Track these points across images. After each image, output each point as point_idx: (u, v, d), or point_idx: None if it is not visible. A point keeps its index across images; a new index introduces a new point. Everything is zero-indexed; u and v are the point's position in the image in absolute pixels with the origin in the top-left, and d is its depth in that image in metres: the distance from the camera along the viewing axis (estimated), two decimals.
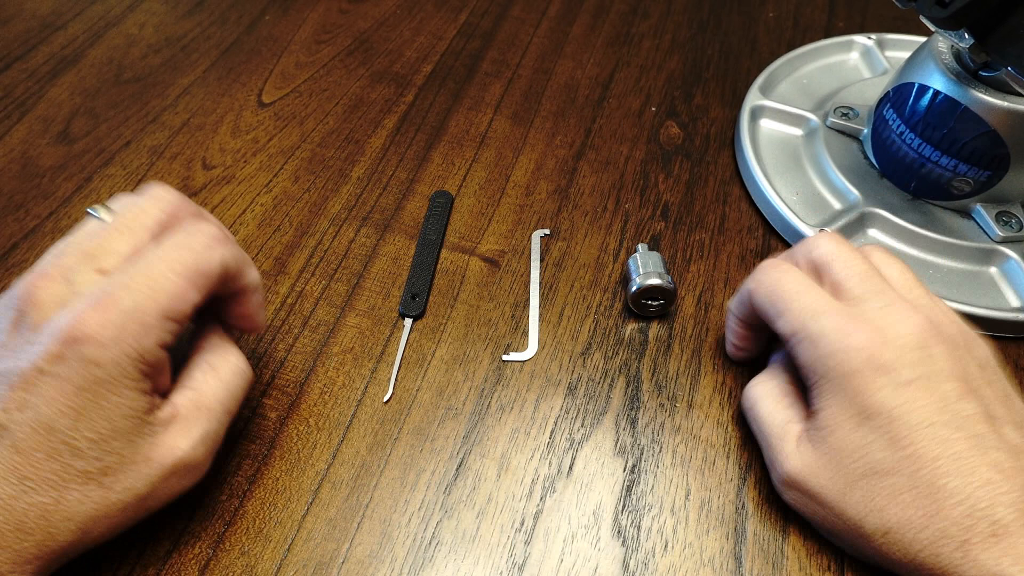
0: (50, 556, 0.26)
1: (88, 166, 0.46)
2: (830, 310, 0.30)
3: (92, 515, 0.26)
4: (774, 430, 0.31)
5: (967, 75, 0.39)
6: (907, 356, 0.28)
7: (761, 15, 0.60)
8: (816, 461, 0.29)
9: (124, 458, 0.26)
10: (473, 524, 0.32)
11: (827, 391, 0.29)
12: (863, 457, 0.28)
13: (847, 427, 0.28)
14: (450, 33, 0.57)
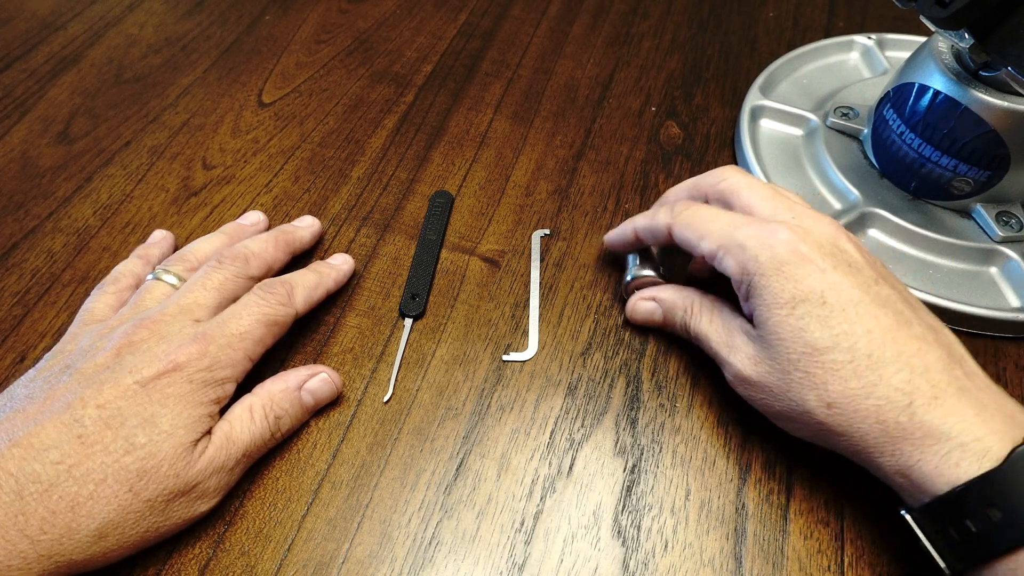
0: (58, 560, 0.26)
1: (88, 166, 0.46)
2: (749, 222, 0.32)
3: (111, 519, 0.27)
4: (720, 339, 0.34)
5: (967, 75, 0.39)
6: (825, 248, 0.31)
7: (761, 15, 0.60)
8: (758, 353, 0.31)
9: (160, 463, 0.29)
10: (473, 524, 0.32)
11: (758, 288, 0.31)
12: (799, 339, 0.29)
13: (781, 314, 0.30)
14: (450, 33, 0.57)
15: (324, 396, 0.35)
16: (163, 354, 0.30)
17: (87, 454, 0.28)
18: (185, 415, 0.30)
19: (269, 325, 0.33)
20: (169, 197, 0.45)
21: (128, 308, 0.34)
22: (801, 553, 0.31)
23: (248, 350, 0.32)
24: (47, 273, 0.41)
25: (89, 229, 0.43)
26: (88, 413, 0.28)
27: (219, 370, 0.31)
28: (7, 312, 0.39)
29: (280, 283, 0.35)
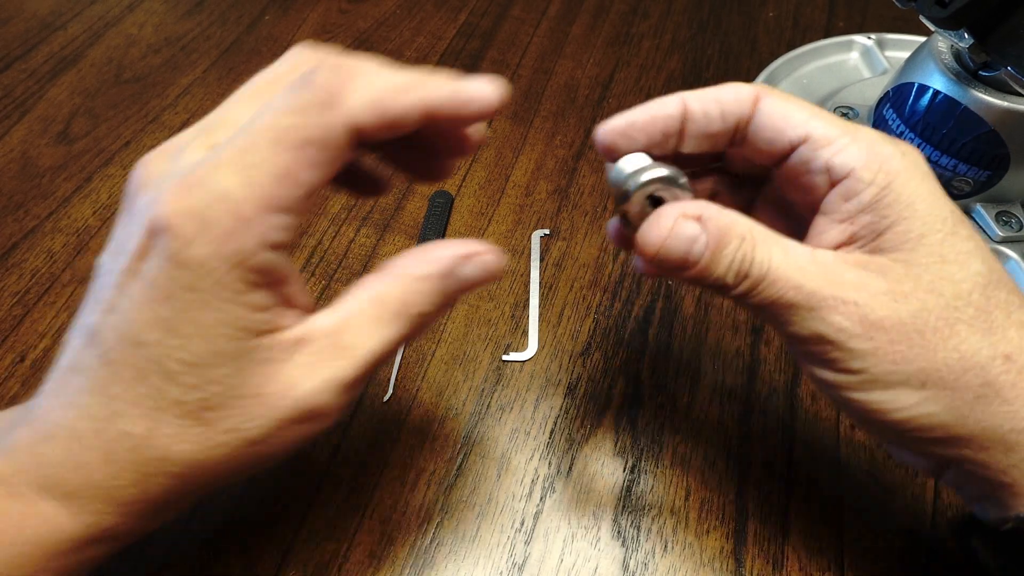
0: (143, 508, 0.21)
1: (88, 166, 0.46)
2: (861, 125, 0.24)
3: (190, 459, 0.21)
4: (818, 275, 0.22)
5: (967, 75, 0.39)
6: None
7: (761, 15, 0.60)
8: (903, 284, 0.22)
9: (229, 389, 0.20)
10: (473, 524, 0.32)
11: (901, 196, 0.22)
12: (967, 266, 0.22)
13: (939, 234, 0.22)
14: (450, 33, 0.57)
15: (479, 284, 0.24)
16: (145, 208, 0.20)
17: (119, 379, 0.20)
18: (199, 320, 0.20)
19: (299, 146, 0.20)
20: None
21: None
22: (801, 553, 0.31)
23: (263, 193, 0.19)
24: (47, 273, 0.41)
25: (89, 229, 0.43)
26: (104, 321, 0.21)
27: (205, 242, 0.19)
28: (7, 312, 0.39)
29: (328, 68, 0.21)
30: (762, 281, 0.22)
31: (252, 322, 0.20)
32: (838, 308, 0.22)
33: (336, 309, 0.22)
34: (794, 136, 0.23)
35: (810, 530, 0.32)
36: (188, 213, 0.19)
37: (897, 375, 0.22)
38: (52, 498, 0.21)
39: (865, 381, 0.22)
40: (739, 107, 0.24)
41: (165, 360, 0.20)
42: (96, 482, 0.21)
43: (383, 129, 0.21)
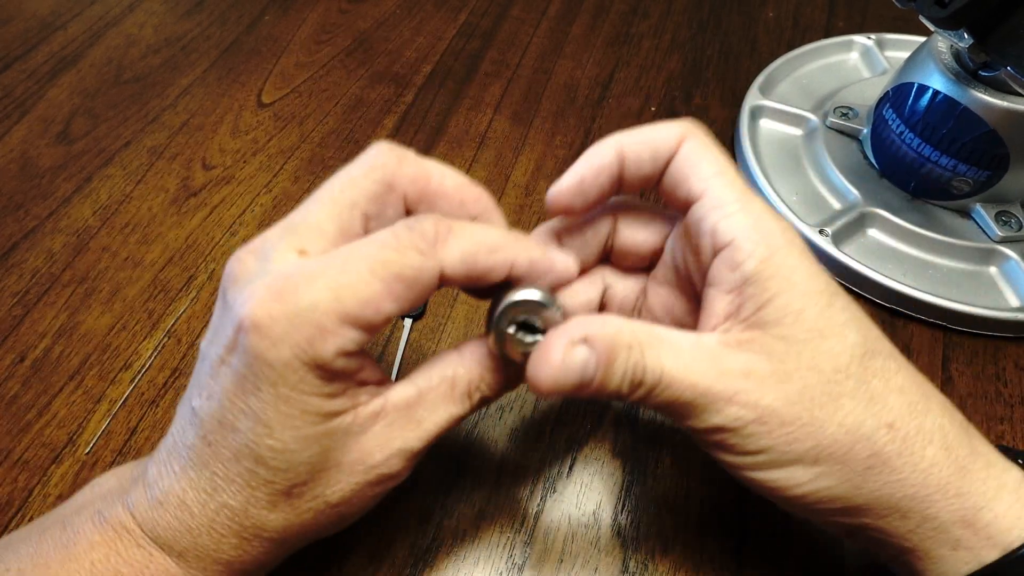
0: (246, 566, 0.24)
1: (88, 166, 0.46)
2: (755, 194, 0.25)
3: (282, 526, 0.23)
4: (711, 369, 0.22)
5: (966, 75, 0.39)
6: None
7: (761, 15, 0.60)
8: (784, 364, 0.22)
9: (313, 467, 0.23)
10: (473, 524, 0.32)
11: (781, 269, 0.22)
12: (844, 339, 0.22)
13: (816, 307, 0.22)
14: (450, 33, 0.57)
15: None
16: (237, 306, 0.21)
17: (218, 458, 0.23)
18: (282, 410, 0.22)
19: (389, 279, 0.21)
20: (169, 197, 0.45)
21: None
22: (801, 553, 0.31)
23: (347, 312, 0.21)
24: (47, 273, 0.41)
25: (89, 229, 0.43)
26: (202, 406, 0.23)
27: (288, 345, 0.21)
28: (7, 312, 0.39)
29: (432, 221, 0.22)
30: (657, 385, 0.23)
31: (330, 407, 0.22)
32: (732, 399, 0.22)
33: (410, 384, 0.24)
34: (694, 189, 0.24)
35: (810, 530, 0.32)
36: (277, 317, 0.21)
37: (791, 454, 0.22)
38: (166, 555, 0.24)
39: (762, 462, 0.23)
40: (667, 148, 0.25)
41: (255, 446, 0.22)
42: (202, 545, 0.23)
43: (468, 280, 0.23)
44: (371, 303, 0.21)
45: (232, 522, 0.23)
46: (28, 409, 0.35)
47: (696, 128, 0.26)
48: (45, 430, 0.35)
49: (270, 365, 0.21)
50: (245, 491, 0.23)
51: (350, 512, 0.24)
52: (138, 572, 0.23)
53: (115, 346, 0.38)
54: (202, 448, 0.23)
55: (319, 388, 0.22)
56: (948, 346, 0.39)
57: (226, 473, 0.23)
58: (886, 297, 0.40)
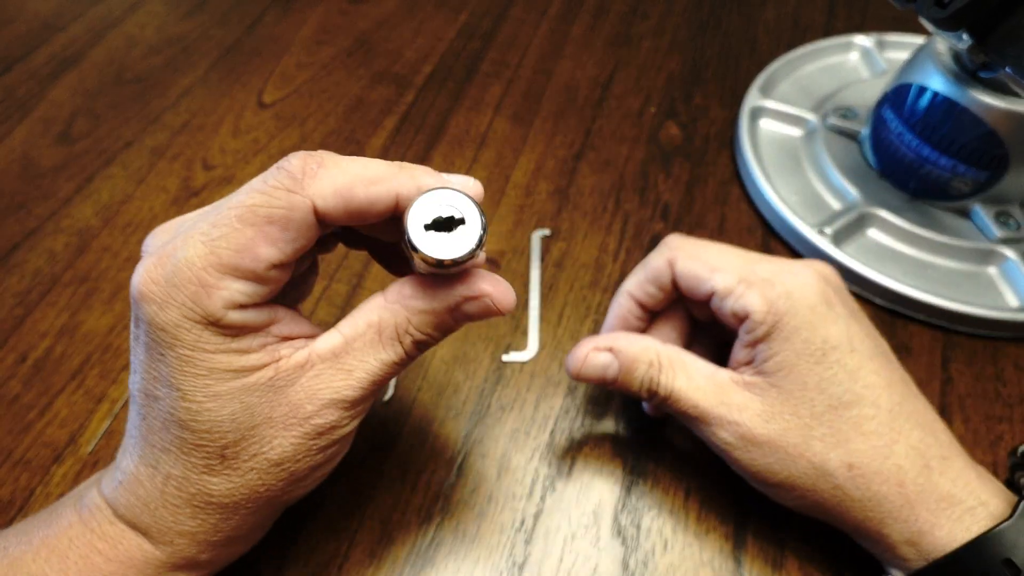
0: (213, 538, 0.24)
1: (89, 166, 0.47)
2: (766, 258, 0.30)
3: (229, 490, 0.23)
4: (710, 396, 0.29)
5: (966, 76, 0.39)
6: (841, 293, 0.30)
7: (761, 15, 0.60)
8: (772, 407, 0.28)
9: (240, 424, 0.22)
10: (473, 524, 0.32)
11: (783, 331, 0.28)
12: (825, 391, 0.27)
13: (807, 364, 0.28)
14: (450, 34, 0.57)
15: (480, 317, 0.25)
16: (134, 279, 0.22)
17: (151, 429, 0.23)
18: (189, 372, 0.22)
19: (259, 223, 0.21)
20: (170, 197, 0.45)
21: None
22: (801, 553, 0.32)
23: (223, 263, 0.21)
24: (48, 273, 0.41)
25: (90, 229, 0.43)
26: (131, 380, 0.24)
27: (174, 307, 0.21)
28: (9, 312, 0.39)
29: (303, 155, 0.22)
30: (668, 398, 0.29)
31: (241, 363, 0.22)
32: (724, 426, 0.29)
33: (335, 333, 0.24)
34: (705, 290, 0.30)
35: (810, 530, 0.32)
36: (158, 282, 0.21)
37: (771, 480, 0.28)
38: (134, 532, 0.24)
39: (756, 481, 0.29)
40: (664, 278, 0.31)
41: (174, 410, 0.22)
42: (162, 518, 0.24)
43: (349, 216, 0.22)
44: (246, 250, 0.21)
45: (180, 491, 0.23)
46: (29, 409, 0.35)
47: (676, 243, 0.31)
48: (47, 430, 0.35)
49: (163, 329, 0.21)
50: (181, 458, 0.23)
51: (299, 470, 0.24)
52: (112, 546, 0.24)
53: (116, 346, 0.38)
54: (140, 423, 0.23)
55: (222, 344, 0.22)
56: (948, 346, 0.39)
57: (161, 443, 0.23)
58: (886, 297, 0.40)
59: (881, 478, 0.27)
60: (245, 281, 0.22)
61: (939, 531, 0.26)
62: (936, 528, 0.26)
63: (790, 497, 0.29)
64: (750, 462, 0.28)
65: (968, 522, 0.26)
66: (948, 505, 0.26)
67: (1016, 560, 0.25)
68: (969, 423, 0.36)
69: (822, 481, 0.27)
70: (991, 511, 0.26)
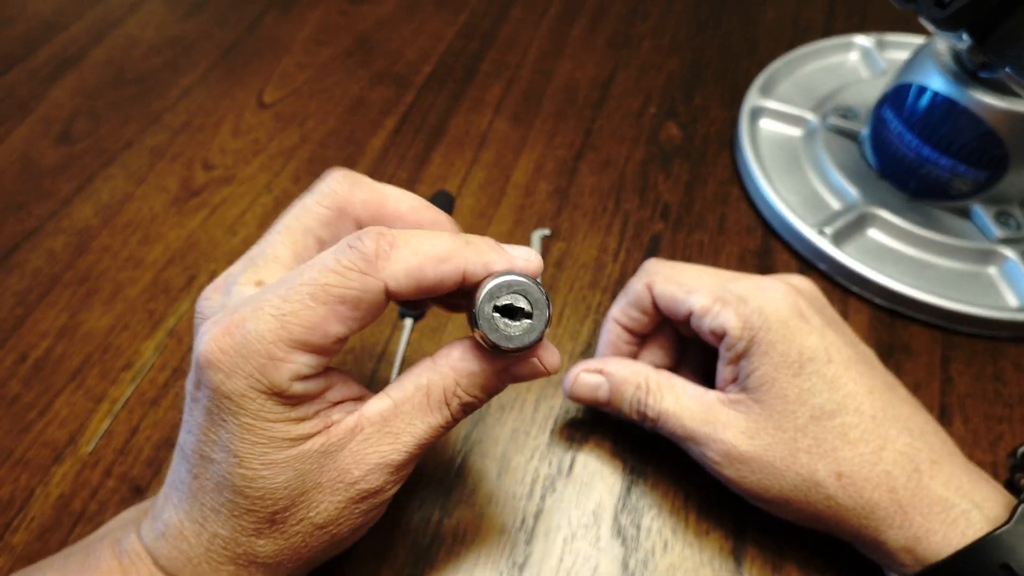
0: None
1: (89, 166, 0.47)
2: (740, 276, 0.31)
3: (273, 552, 0.24)
4: (696, 416, 0.30)
5: (966, 76, 0.39)
6: (815, 305, 0.30)
7: (760, 16, 0.60)
8: (754, 424, 0.28)
9: (292, 491, 0.23)
10: (473, 524, 0.32)
11: (763, 345, 0.28)
12: (806, 403, 0.28)
13: (786, 376, 0.28)
14: (450, 34, 0.57)
15: (528, 378, 0.26)
16: (197, 344, 0.23)
17: (202, 488, 0.24)
18: (249, 439, 0.22)
19: (332, 303, 0.22)
20: (170, 197, 0.45)
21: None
22: (801, 554, 0.32)
23: (293, 338, 0.22)
24: (48, 273, 0.41)
25: (90, 229, 0.43)
26: (184, 439, 0.24)
27: (241, 377, 0.22)
28: (9, 312, 0.39)
29: (375, 235, 0.22)
30: (657, 419, 0.30)
31: (298, 431, 0.23)
32: (711, 445, 0.29)
33: (385, 397, 0.24)
34: (683, 312, 0.31)
35: (810, 531, 0.32)
36: (227, 350, 0.22)
37: (765, 496, 0.29)
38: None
39: (749, 496, 0.29)
40: (645, 301, 0.32)
41: (230, 476, 0.23)
42: (204, 573, 0.24)
43: (418, 293, 0.23)
44: (317, 328, 0.22)
45: (225, 550, 0.23)
46: (30, 409, 0.35)
47: (653, 268, 0.32)
48: (47, 430, 0.35)
49: (228, 397, 0.22)
50: (231, 520, 0.23)
51: (341, 532, 0.24)
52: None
53: (116, 346, 0.38)
54: (190, 481, 0.24)
55: (282, 414, 0.22)
56: (948, 346, 0.39)
57: (212, 504, 0.23)
58: (886, 297, 0.40)
59: (871, 485, 0.27)
60: (311, 355, 0.22)
61: (934, 536, 0.26)
62: (931, 533, 0.26)
63: (787, 511, 0.29)
64: (740, 479, 0.29)
65: (963, 526, 0.26)
66: (942, 509, 0.26)
67: (1014, 565, 0.24)
68: (969, 423, 0.36)
69: (813, 493, 0.28)
70: (987, 514, 0.26)
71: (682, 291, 0.31)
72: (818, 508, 0.28)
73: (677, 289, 0.31)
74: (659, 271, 0.32)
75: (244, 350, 0.21)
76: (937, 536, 0.26)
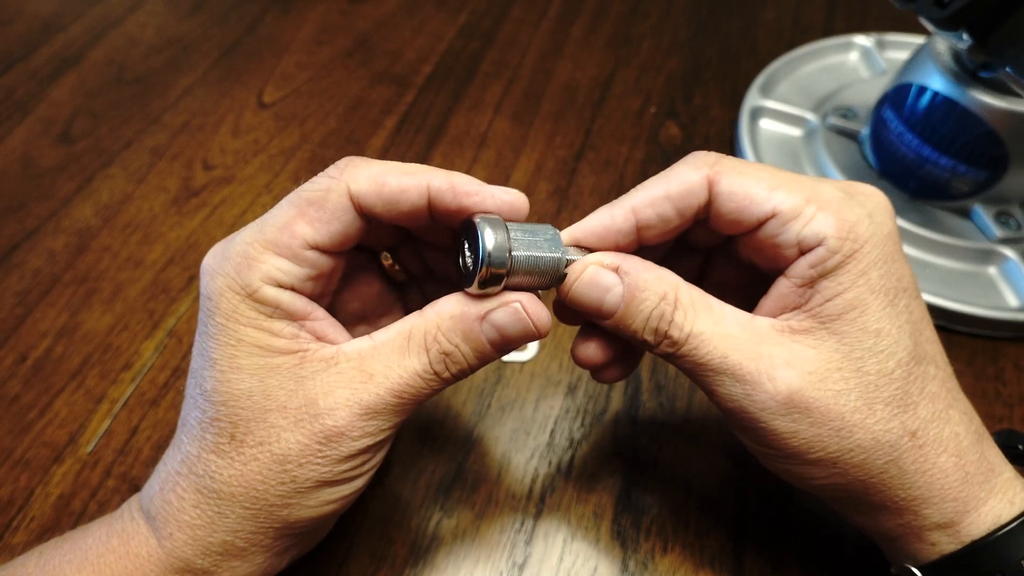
0: (213, 543, 0.23)
1: (89, 166, 0.47)
2: (827, 180, 0.24)
3: (229, 477, 0.23)
4: (744, 345, 0.23)
5: (966, 76, 0.39)
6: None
7: (760, 16, 0.60)
8: (830, 362, 0.22)
9: (253, 404, 0.23)
10: (473, 524, 0.32)
11: (860, 263, 0.22)
12: (899, 341, 0.22)
13: (880, 304, 0.22)
14: (450, 34, 0.57)
15: (514, 335, 0.23)
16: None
17: (186, 406, 0.25)
18: (221, 341, 0.23)
19: (300, 204, 0.23)
20: (170, 197, 0.45)
21: None
22: (801, 554, 0.32)
23: (266, 239, 0.23)
24: (48, 273, 0.41)
25: (90, 229, 0.43)
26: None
27: (221, 276, 0.23)
28: (9, 312, 0.39)
29: (346, 158, 0.24)
30: (684, 344, 0.23)
31: (270, 342, 0.23)
32: (761, 385, 0.22)
33: (368, 338, 0.24)
34: (760, 213, 0.23)
35: (810, 530, 0.32)
36: (216, 256, 0.24)
37: (812, 455, 0.23)
38: (144, 520, 0.24)
39: (782, 456, 0.24)
40: (694, 198, 0.24)
41: (203, 381, 0.23)
42: (168, 502, 0.24)
43: (383, 202, 0.23)
44: (286, 227, 0.23)
45: (191, 471, 0.23)
46: (29, 409, 0.35)
47: (713, 159, 0.24)
48: (46, 430, 0.35)
49: (209, 297, 0.23)
50: (197, 435, 0.23)
51: (302, 477, 0.23)
52: (124, 543, 0.24)
53: (116, 346, 0.38)
54: (183, 404, 0.25)
55: (253, 320, 0.23)
56: (947, 346, 0.39)
57: (187, 420, 0.24)
58: None
59: (941, 447, 0.23)
60: (283, 258, 0.23)
61: (984, 507, 0.23)
62: (982, 504, 0.23)
63: (822, 475, 0.23)
64: (790, 434, 0.22)
65: (1011, 495, 0.23)
66: (994, 476, 0.23)
67: None
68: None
69: (875, 455, 0.22)
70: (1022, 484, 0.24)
71: (764, 187, 0.23)
72: (868, 474, 0.23)
73: (756, 184, 0.23)
74: (723, 161, 0.24)
75: (227, 252, 0.23)
76: (987, 507, 0.23)
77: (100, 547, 0.24)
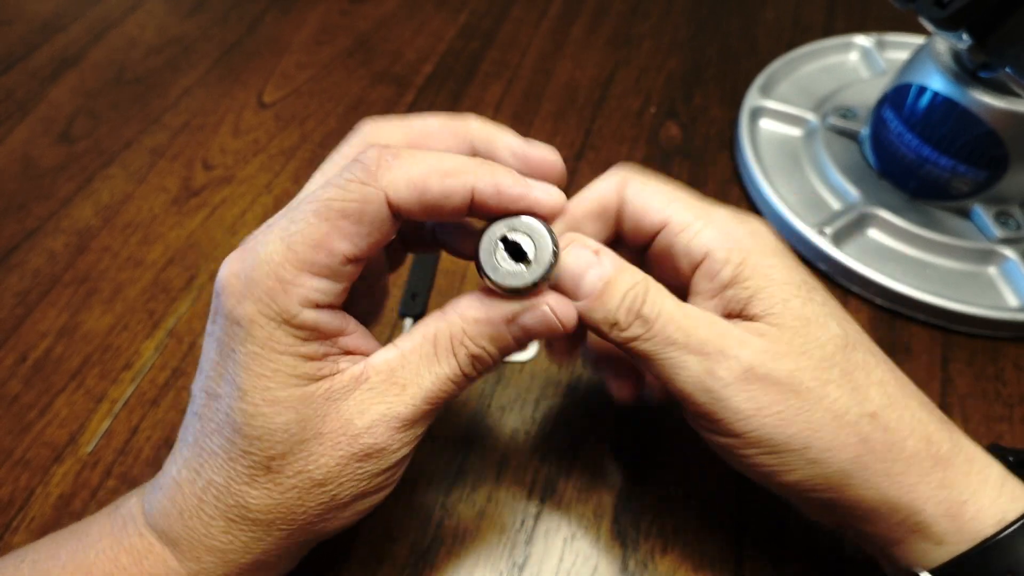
0: (241, 559, 0.23)
1: (89, 166, 0.47)
2: (718, 204, 0.26)
3: (266, 506, 0.22)
4: (707, 326, 0.23)
5: (966, 76, 0.39)
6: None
7: (760, 15, 0.60)
8: (777, 345, 0.23)
9: (291, 436, 0.22)
10: (473, 524, 0.32)
11: (758, 268, 0.23)
12: (827, 328, 0.23)
13: (800, 298, 0.23)
14: (450, 34, 0.57)
15: (541, 334, 0.23)
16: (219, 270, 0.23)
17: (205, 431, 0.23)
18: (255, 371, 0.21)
19: (333, 218, 0.21)
20: (170, 197, 0.45)
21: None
22: (802, 553, 0.32)
23: (300, 258, 0.21)
24: (48, 273, 0.41)
25: (90, 230, 0.43)
26: (195, 383, 0.24)
27: (251, 301, 0.21)
28: (9, 312, 0.39)
29: (376, 149, 0.22)
30: (655, 323, 0.23)
31: (305, 369, 0.22)
32: (723, 361, 0.23)
33: (392, 347, 0.23)
34: (655, 221, 0.25)
35: (810, 530, 0.32)
36: (238, 273, 0.21)
37: (779, 437, 0.23)
38: (162, 543, 0.23)
39: (750, 443, 0.23)
40: (611, 199, 0.26)
41: (231, 412, 0.22)
42: (193, 529, 0.23)
43: (423, 209, 0.22)
44: (321, 245, 0.21)
45: (218, 501, 0.22)
46: (29, 409, 0.35)
47: (629, 169, 0.26)
48: (47, 430, 0.35)
49: (238, 323, 0.21)
50: (226, 465, 0.22)
51: (341, 495, 0.23)
52: (136, 561, 0.23)
53: (116, 346, 0.38)
54: (195, 424, 0.23)
55: (290, 347, 0.21)
56: (947, 346, 0.39)
57: (210, 446, 0.22)
58: (886, 297, 0.40)
59: (906, 429, 0.23)
60: (320, 278, 0.21)
61: (982, 498, 0.22)
62: (978, 495, 0.22)
63: (795, 466, 0.23)
64: (756, 410, 0.22)
65: (1010, 490, 0.22)
66: (981, 466, 0.23)
67: None
68: (969, 423, 0.36)
69: (844, 434, 0.22)
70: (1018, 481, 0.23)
71: (660, 199, 0.25)
72: (848, 457, 0.22)
73: (655, 195, 0.25)
74: (635, 174, 0.26)
75: (254, 273, 0.21)
76: (986, 499, 0.22)
77: (107, 564, 0.23)
